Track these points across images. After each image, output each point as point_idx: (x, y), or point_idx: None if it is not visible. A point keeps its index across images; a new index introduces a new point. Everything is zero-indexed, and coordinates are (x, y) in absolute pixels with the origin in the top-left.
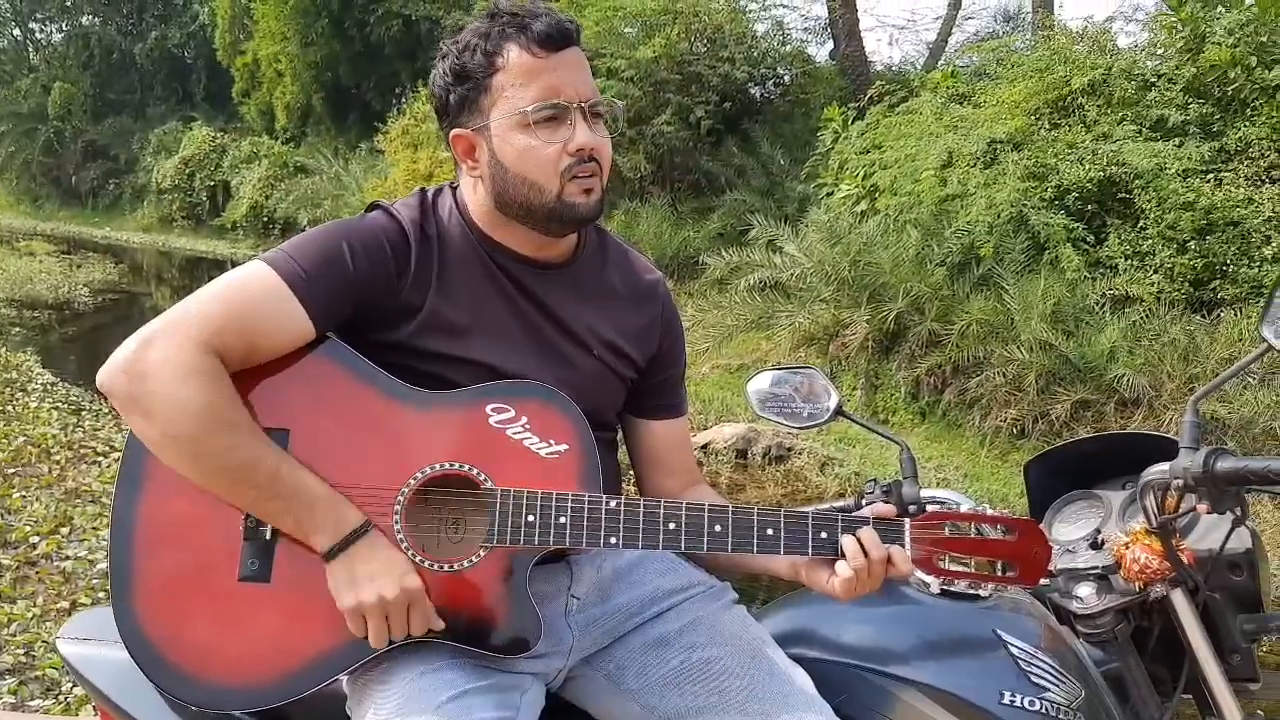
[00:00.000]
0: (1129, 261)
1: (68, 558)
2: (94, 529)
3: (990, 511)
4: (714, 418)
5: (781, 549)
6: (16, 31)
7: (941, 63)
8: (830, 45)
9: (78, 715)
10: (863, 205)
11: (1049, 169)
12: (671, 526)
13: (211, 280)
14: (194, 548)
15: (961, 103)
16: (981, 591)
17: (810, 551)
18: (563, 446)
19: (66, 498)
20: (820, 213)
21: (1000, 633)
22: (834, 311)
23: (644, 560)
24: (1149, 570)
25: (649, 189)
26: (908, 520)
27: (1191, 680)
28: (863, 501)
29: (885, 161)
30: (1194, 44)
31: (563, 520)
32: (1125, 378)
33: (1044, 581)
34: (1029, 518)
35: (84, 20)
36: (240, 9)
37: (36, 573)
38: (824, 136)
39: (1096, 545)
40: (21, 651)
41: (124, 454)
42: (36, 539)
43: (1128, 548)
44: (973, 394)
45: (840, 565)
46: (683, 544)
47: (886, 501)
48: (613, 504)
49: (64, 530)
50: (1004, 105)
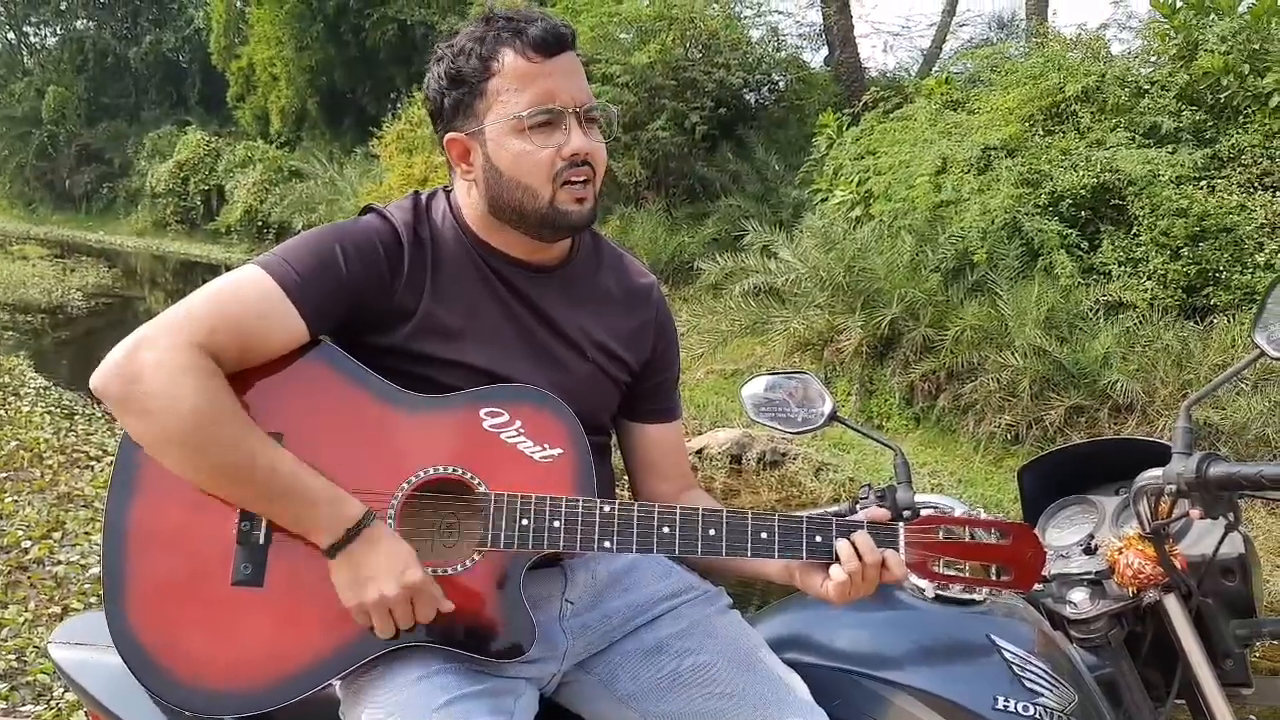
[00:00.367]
0: (1122, 268)
1: (60, 562)
2: (86, 534)
3: (984, 516)
4: (708, 423)
5: (776, 553)
6: (11, 35)
7: (936, 69)
8: (825, 51)
9: None
10: (857, 211)
11: (1043, 175)
12: (666, 530)
13: (205, 284)
14: (187, 552)
15: (956, 109)
16: (976, 596)
17: (805, 555)
18: (557, 450)
19: (59, 502)
20: (815, 218)
21: (994, 638)
22: (829, 317)
23: (638, 565)
24: (1142, 575)
25: (644, 194)
26: (902, 524)
27: (1184, 685)
28: (857, 507)
29: (880, 167)
30: (1187, 51)
31: (557, 524)
32: (1119, 383)
33: (1037, 586)
34: (1022, 522)
35: (79, 24)
36: (235, 13)
37: (28, 577)
38: (819, 142)
39: (1090, 550)
40: (13, 657)
41: (117, 458)
42: (28, 543)
43: (1121, 553)
44: (967, 399)
45: (834, 569)
46: (677, 548)
47: (881, 507)
48: (607, 508)
49: (56, 535)
50: (998, 112)
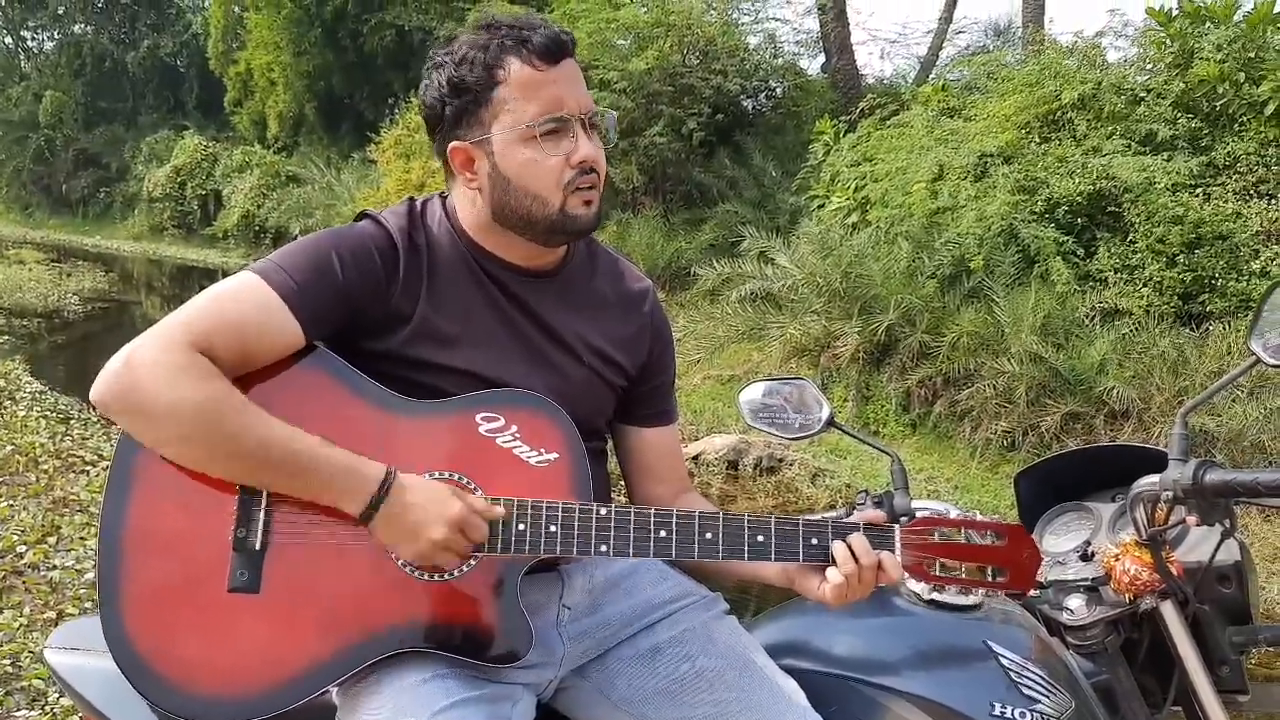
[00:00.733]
0: (1118, 275)
1: (55, 567)
2: (81, 539)
3: (980, 518)
4: (705, 428)
5: (772, 555)
6: (8, 39)
7: (932, 76)
8: (822, 58)
9: None
10: (854, 217)
11: (1039, 182)
12: (663, 534)
13: (201, 290)
14: (183, 558)
15: (952, 116)
16: (971, 599)
17: (801, 558)
18: (553, 455)
19: (54, 507)
20: (812, 224)
21: (990, 644)
22: (825, 323)
23: (636, 570)
24: (1139, 582)
25: (641, 200)
26: (898, 526)
27: (1181, 692)
28: (853, 512)
29: (876, 174)
30: (1183, 59)
31: (553, 529)
32: (1115, 390)
33: (1034, 593)
34: (1018, 524)
35: (76, 29)
36: (233, 19)
37: (23, 582)
38: (816, 149)
39: (1086, 557)
40: (8, 662)
41: (113, 463)
42: (23, 548)
43: (1117, 559)
44: (963, 406)
45: (831, 571)
46: (674, 552)
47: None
48: (603, 512)
49: (51, 540)
50: (994, 119)
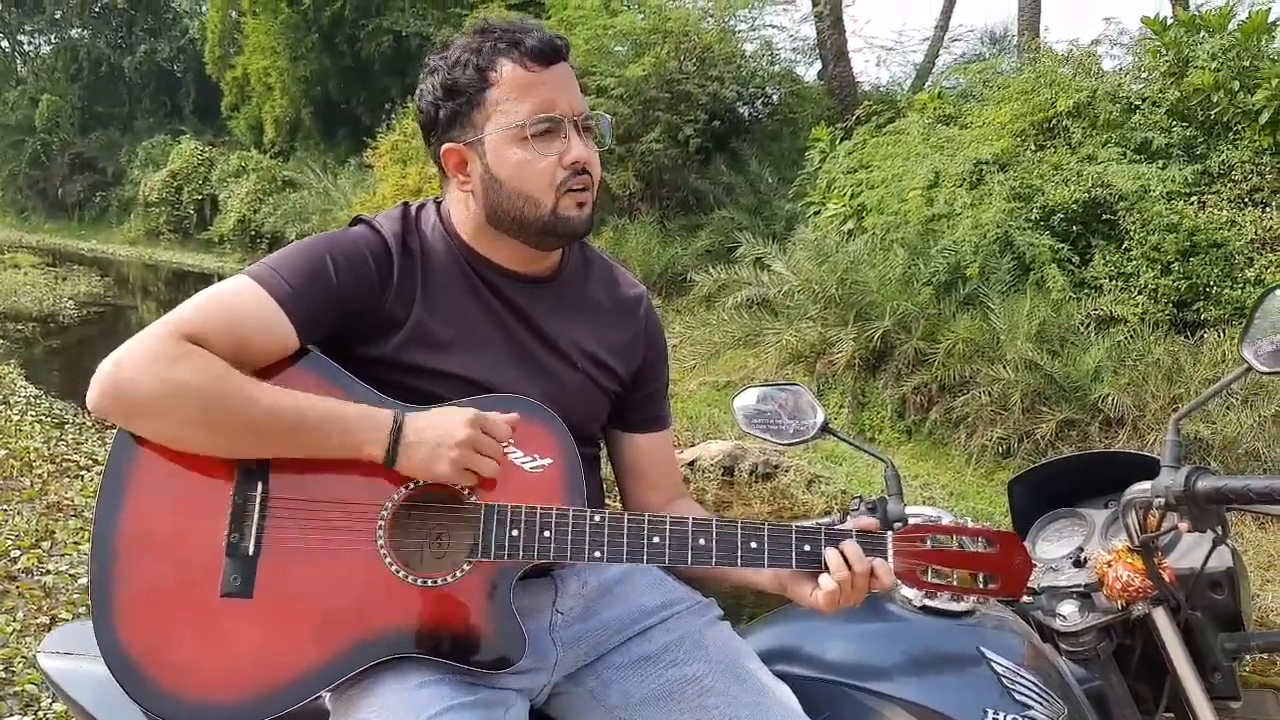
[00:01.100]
0: (1113, 282)
1: (48, 572)
2: (75, 544)
3: (972, 525)
4: (701, 435)
5: (765, 562)
6: (5, 43)
7: (928, 84)
8: (818, 66)
9: None
10: (850, 224)
11: (1034, 190)
12: (656, 540)
13: (195, 294)
14: (176, 563)
15: (948, 124)
16: (964, 604)
17: (794, 564)
18: (546, 460)
19: (48, 512)
20: (808, 231)
21: (984, 650)
22: (821, 329)
23: (629, 575)
24: (1131, 588)
25: (638, 206)
26: (890, 533)
27: (1173, 698)
28: (847, 518)
29: (872, 181)
30: (1177, 68)
31: (547, 534)
32: (1110, 397)
33: (1027, 599)
34: (1010, 531)
35: (73, 33)
36: (230, 24)
37: (16, 587)
38: (812, 156)
39: (1079, 563)
40: (1, 667)
41: (107, 468)
42: (17, 553)
43: (1110, 566)
44: (958, 412)
45: (823, 578)
46: (667, 557)
47: (871, 518)
48: (597, 518)
49: (45, 545)
50: (990, 127)
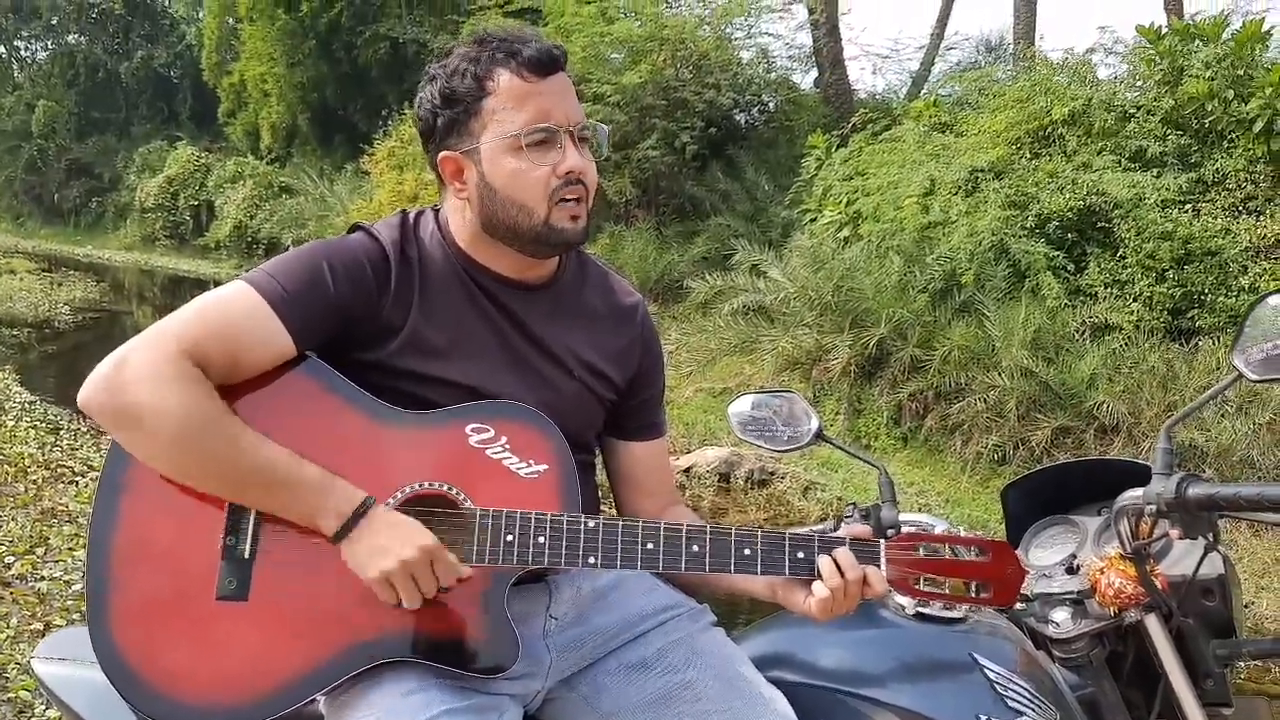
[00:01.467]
0: (1108, 290)
1: (43, 578)
2: (70, 550)
3: (964, 533)
4: (696, 441)
5: (759, 569)
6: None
7: (924, 92)
8: (815, 73)
9: None
10: (846, 231)
11: (1030, 198)
12: (650, 546)
13: (192, 300)
14: (172, 567)
15: (944, 131)
16: (957, 612)
17: (787, 572)
18: (542, 467)
19: (43, 518)
20: (804, 238)
21: (976, 656)
22: (817, 336)
23: (623, 581)
24: (1123, 595)
25: (634, 213)
26: (883, 541)
27: (1165, 705)
28: (841, 525)
29: (868, 188)
30: (1172, 77)
31: (541, 540)
32: (1105, 405)
33: (1020, 605)
34: (1002, 539)
35: (70, 39)
36: (227, 30)
37: (11, 593)
38: (808, 163)
39: (1072, 570)
40: None
41: (102, 473)
42: (11, 559)
43: (1103, 573)
44: (954, 420)
45: (817, 586)
46: (661, 564)
47: (865, 525)
48: (591, 524)
49: (40, 551)
50: (985, 134)
